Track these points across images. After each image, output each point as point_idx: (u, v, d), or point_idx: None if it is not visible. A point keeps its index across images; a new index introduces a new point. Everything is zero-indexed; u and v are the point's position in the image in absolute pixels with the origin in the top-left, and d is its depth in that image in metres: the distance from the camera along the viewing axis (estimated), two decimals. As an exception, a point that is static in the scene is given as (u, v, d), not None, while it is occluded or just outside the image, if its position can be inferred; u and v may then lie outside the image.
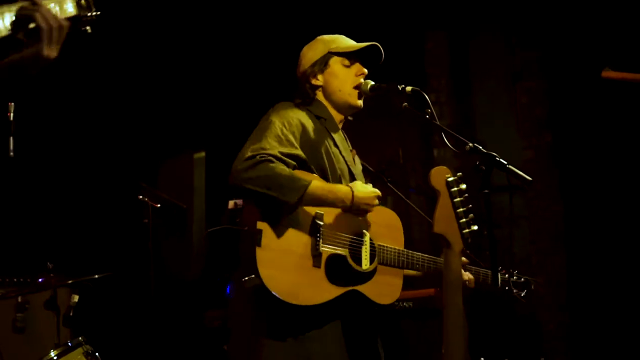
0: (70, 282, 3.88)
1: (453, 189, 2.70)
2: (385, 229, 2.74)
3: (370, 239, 2.67)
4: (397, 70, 3.07)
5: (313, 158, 2.63)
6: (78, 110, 5.49)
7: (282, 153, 2.50)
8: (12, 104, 3.52)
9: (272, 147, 2.49)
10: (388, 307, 2.72)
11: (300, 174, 2.52)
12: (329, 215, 2.58)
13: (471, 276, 2.94)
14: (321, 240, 2.53)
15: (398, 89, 2.74)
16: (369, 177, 3.02)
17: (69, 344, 3.68)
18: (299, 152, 2.59)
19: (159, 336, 4.69)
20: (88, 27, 1.91)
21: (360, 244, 2.64)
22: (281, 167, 2.45)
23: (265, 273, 2.41)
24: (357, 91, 2.80)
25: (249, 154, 2.46)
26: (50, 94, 5.28)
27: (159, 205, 4.35)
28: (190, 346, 5.26)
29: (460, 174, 2.74)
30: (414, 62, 5.89)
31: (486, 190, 2.50)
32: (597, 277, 5.20)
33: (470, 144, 2.55)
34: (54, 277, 3.87)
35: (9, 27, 1.69)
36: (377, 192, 2.63)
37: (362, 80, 2.81)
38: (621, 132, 5.12)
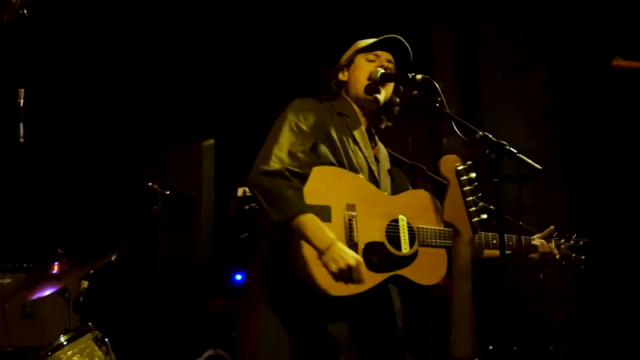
0: (80, 271, 3.88)
1: (462, 178, 2.71)
2: (421, 211, 2.72)
3: (408, 223, 2.66)
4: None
5: (330, 149, 2.64)
6: (89, 97, 5.50)
7: (291, 160, 2.52)
8: (22, 90, 3.53)
9: (288, 151, 2.53)
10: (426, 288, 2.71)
11: (338, 171, 2.57)
12: (361, 205, 2.58)
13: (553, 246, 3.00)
14: (356, 231, 2.53)
15: (408, 77, 2.73)
16: (401, 170, 3.00)
17: (79, 329, 3.71)
18: (313, 139, 2.60)
19: (166, 322, 4.72)
20: (25, 11, 1.90)
21: (397, 228, 2.64)
22: (290, 190, 2.45)
23: (306, 271, 2.42)
24: (368, 82, 2.78)
25: (271, 157, 2.50)
26: (60, 81, 5.30)
27: (168, 192, 4.35)
28: (197, 333, 5.29)
29: (470, 162, 2.74)
30: (421, 51, 5.87)
31: (495, 179, 2.50)
32: (604, 266, 5.20)
33: (480, 133, 2.54)
34: (63, 263, 3.89)
35: None
36: (355, 262, 2.43)
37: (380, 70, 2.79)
38: (628, 122, 5.11)
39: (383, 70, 2.79)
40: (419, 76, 2.72)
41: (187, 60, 5.78)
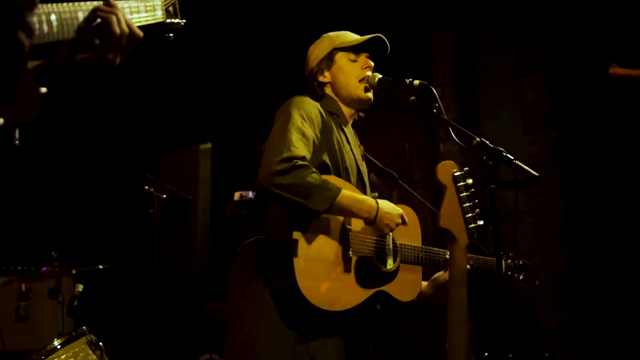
0: (73, 272, 3.87)
1: (459, 184, 2.69)
2: (405, 227, 2.71)
3: (393, 239, 2.67)
4: (402, 64, 3.04)
5: (327, 151, 2.61)
6: (85, 100, 5.48)
7: (302, 153, 2.46)
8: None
9: (299, 146, 2.45)
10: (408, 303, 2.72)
11: (332, 179, 2.51)
12: (356, 219, 2.56)
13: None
14: (350, 245, 2.52)
15: (405, 82, 2.72)
16: (373, 171, 3.01)
17: (73, 333, 3.68)
18: (316, 134, 2.57)
19: (161, 326, 4.70)
20: (171, 35, 1.86)
21: (384, 244, 2.64)
22: (313, 175, 2.40)
23: (304, 283, 2.39)
24: (363, 84, 2.77)
25: (283, 155, 2.40)
26: (56, 82, 5.28)
27: (164, 196, 4.33)
28: (192, 337, 5.27)
29: (467, 168, 2.74)
30: (420, 57, 5.88)
31: (492, 186, 2.49)
32: (599, 274, 5.20)
33: (478, 139, 2.54)
34: (57, 266, 3.87)
35: (79, 27, 1.54)
36: (401, 211, 2.60)
37: (368, 73, 2.78)
38: (625, 129, 5.11)
39: (380, 76, 2.79)
40: (416, 82, 2.72)
41: (184, 63, 5.76)
